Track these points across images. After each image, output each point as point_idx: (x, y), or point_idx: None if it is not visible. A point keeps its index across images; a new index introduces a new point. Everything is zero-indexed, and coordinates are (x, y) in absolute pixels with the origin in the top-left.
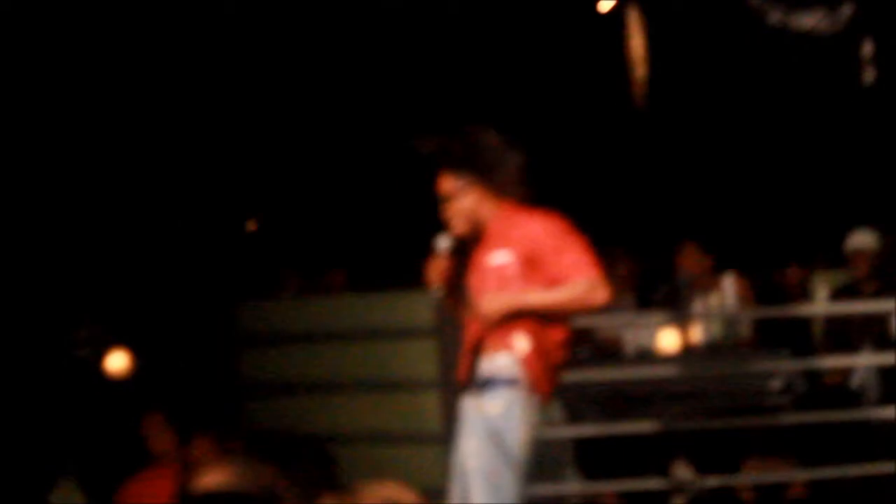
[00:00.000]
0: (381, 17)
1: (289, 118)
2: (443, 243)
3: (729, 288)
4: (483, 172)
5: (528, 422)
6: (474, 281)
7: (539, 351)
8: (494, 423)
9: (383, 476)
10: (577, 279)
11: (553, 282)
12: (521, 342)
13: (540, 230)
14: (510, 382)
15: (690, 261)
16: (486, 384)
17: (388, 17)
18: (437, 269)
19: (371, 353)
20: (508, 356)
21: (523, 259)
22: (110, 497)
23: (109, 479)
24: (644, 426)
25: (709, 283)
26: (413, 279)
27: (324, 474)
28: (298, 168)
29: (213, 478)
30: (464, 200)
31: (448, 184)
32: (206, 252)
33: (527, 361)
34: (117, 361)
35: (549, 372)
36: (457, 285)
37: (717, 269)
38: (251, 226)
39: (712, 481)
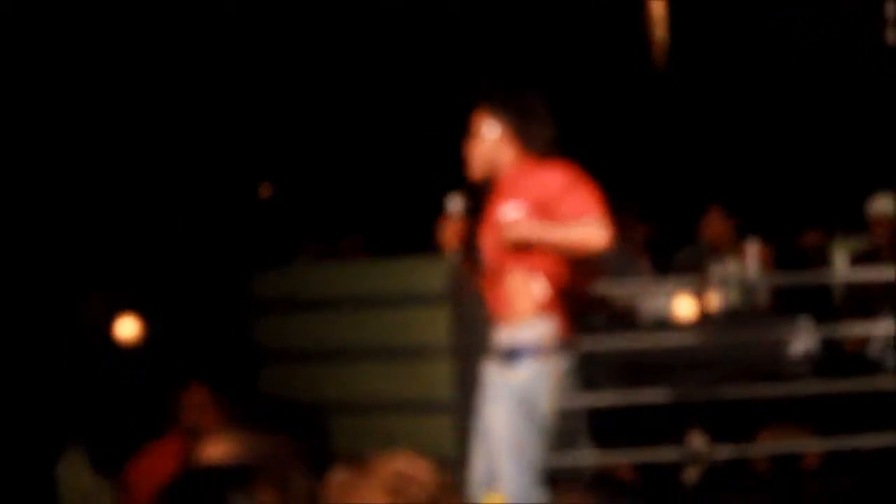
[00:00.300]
0: None
1: (302, 84)
2: (454, 204)
3: (752, 254)
4: (517, 127)
5: (556, 390)
6: (488, 237)
7: (558, 299)
8: (523, 392)
9: (395, 444)
10: (586, 218)
11: (563, 221)
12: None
13: (549, 176)
14: (536, 351)
15: (715, 225)
16: (513, 354)
17: None
18: (450, 231)
19: (384, 319)
20: (529, 323)
21: (535, 207)
22: (119, 468)
23: (118, 450)
24: (659, 395)
25: (732, 248)
26: (427, 244)
27: (323, 444)
28: (314, 134)
29: (217, 449)
30: (489, 144)
31: (482, 123)
32: (221, 219)
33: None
34: (128, 328)
35: (569, 317)
36: (471, 246)
37: (742, 234)
38: (264, 192)
39: (727, 451)
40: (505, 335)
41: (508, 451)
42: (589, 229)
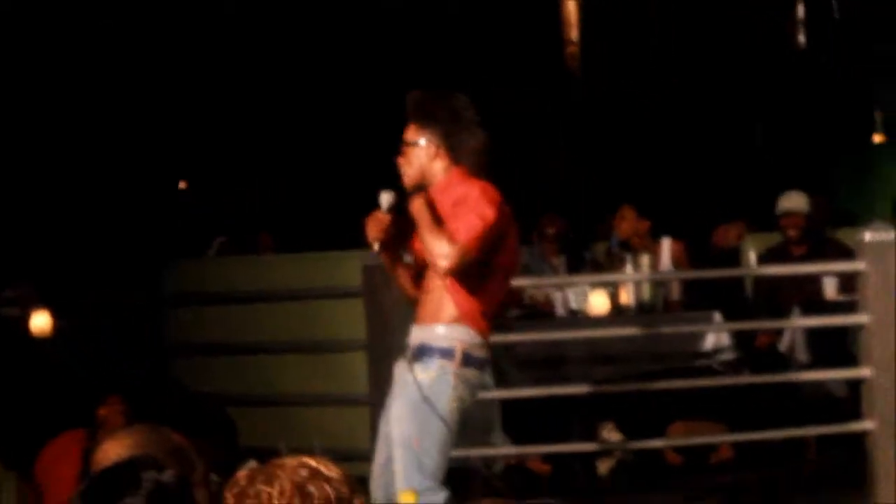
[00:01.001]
0: None
1: (223, 81)
2: (385, 199)
3: (665, 250)
4: (446, 134)
5: (457, 395)
6: (417, 241)
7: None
8: (423, 392)
9: (309, 438)
10: (453, 240)
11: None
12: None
13: (468, 190)
14: (444, 353)
15: (628, 224)
16: (420, 352)
17: None
18: (377, 225)
19: (299, 313)
20: (445, 327)
21: (451, 206)
22: (27, 461)
23: (26, 443)
24: (572, 388)
25: (645, 245)
26: (342, 241)
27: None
28: (232, 130)
29: (114, 447)
30: (420, 153)
31: (412, 134)
32: (134, 213)
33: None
34: (41, 321)
35: (486, 324)
36: (395, 243)
37: (655, 234)
38: (181, 184)
39: (639, 444)
40: (417, 334)
41: (403, 448)
42: (444, 250)
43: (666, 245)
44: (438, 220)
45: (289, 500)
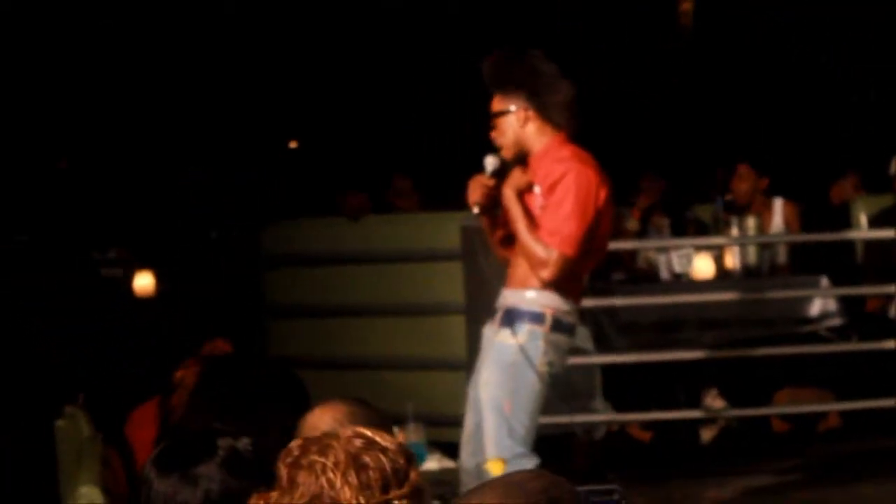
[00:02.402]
0: None
1: (333, 37)
2: (490, 163)
3: (777, 211)
4: (533, 95)
5: (547, 360)
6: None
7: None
8: (513, 356)
9: (408, 400)
10: (551, 242)
11: (537, 220)
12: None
13: (563, 176)
14: (534, 317)
15: (746, 183)
16: (510, 316)
17: None
18: (478, 188)
19: (398, 275)
20: (535, 292)
21: (546, 194)
22: (117, 425)
23: (118, 407)
24: (676, 354)
25: (761, 205)
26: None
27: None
28: (340, 88)
29: (325, 415)
30: (510, 122)
31: (497, 104)
32: (233, 175)
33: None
34: (145, 282)
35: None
36: (496, 207)
37: (770, 192)
38: (292, 143)
39: (744, 412)
40: (507, 298)
41: (494, 413)
42: (542, 257)
43: (778, 205)
44: (529, 215)
45: (343, 470)
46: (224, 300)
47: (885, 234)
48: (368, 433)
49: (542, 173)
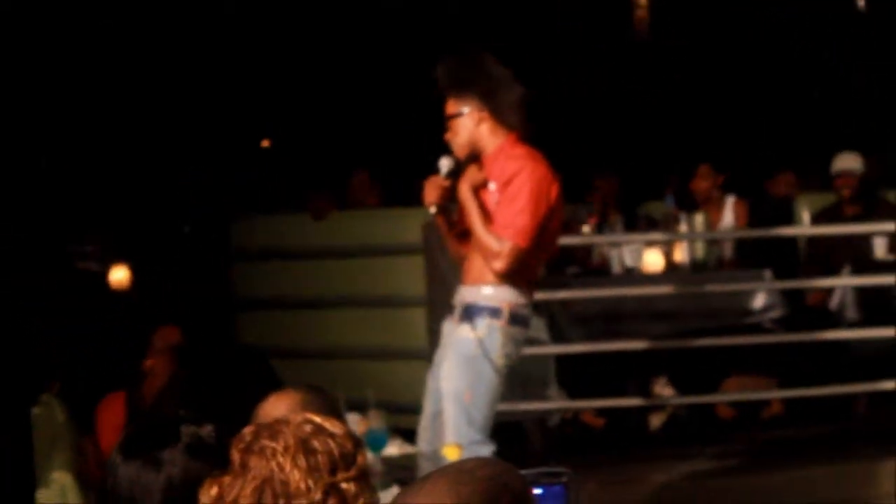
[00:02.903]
0: None
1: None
2: (444, 165)
3: (728, 208)
4: (484, 96)
5: (505, 352)
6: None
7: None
8: (473, 350)
9: (369, 390)
10: (505, 235)
11: (494, 214)
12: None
13: (517, 172)
14: (492, 312)
15: (706, 182)
16: (468, 311)
17: None
18: (434, 189)
19: (361, 269)
20: (492, 288)
21: (501, 190)
22: (92, 411)
23: (92, 395)
24: (627, 344)
25: (715, 202)
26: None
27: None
28: (306, 87)
29: (279, 403)
30: (464, 123)
31: (451, 106)
32: (206, 167)
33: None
34: (119, 275)
35: (531, 282)
36: (450, 207)
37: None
38: (265, 143)
39: (691, 399)
40: (464, 294)
41: (454, 402)
42: (495, 249)
43: (730, 203)
44: (484, 211)
45: (293, 454)
46: (194, 292)
47: (827, 230)
48: (318, 419)
49: (497, 171)
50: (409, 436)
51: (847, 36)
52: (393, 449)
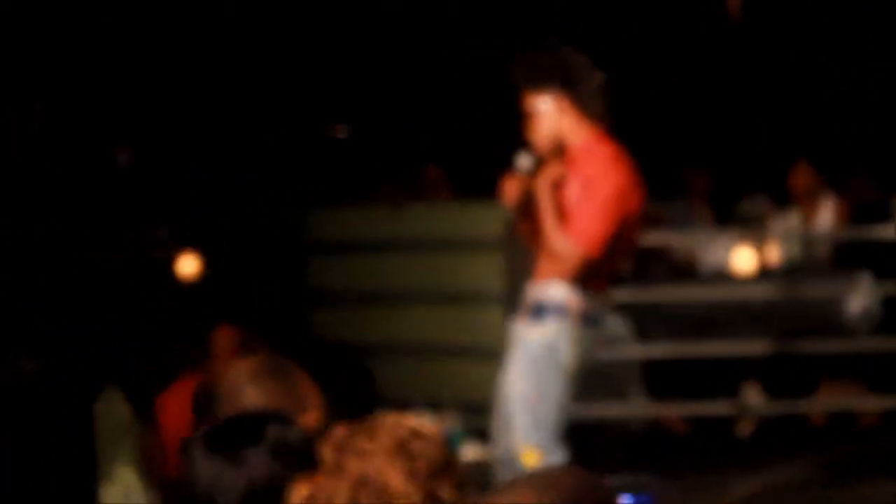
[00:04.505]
0: None
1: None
2: (523, 162)
3: (827, 208)
4: (565, 87)
5: (574, 352)
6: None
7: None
8: (540, 350)
9: (444, 389)
10: (576, 241)
11: (567, 214)
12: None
13: (598, 176)
14: (559, 310)
15: (805, 178)
16: (537, 310)
17: None
18: (513, 188)
19: (437, 264)
20: (561, 285)
21: (580, 191)
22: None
23: (155, 389)
24: (715, 347)
25: (815, 200)
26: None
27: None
28: (377, 77)
29: (250, 394)
30: (545, 117)
31: (531, 100)
32: (281, 157)
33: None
34: (189, 265)
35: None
36: (529, 204)
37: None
38: (340, 132)
39: (782, 406)
40: (534, 291)
41: (521, 405)
42: (565, 252)
43: (829, 202)
44: (560, 210)
45: (392, 457)
46: (267, 285)
47: None
48: (413, 422)
49: (579, 170)
50: (484, 437)
51: None
52: (467, 452)
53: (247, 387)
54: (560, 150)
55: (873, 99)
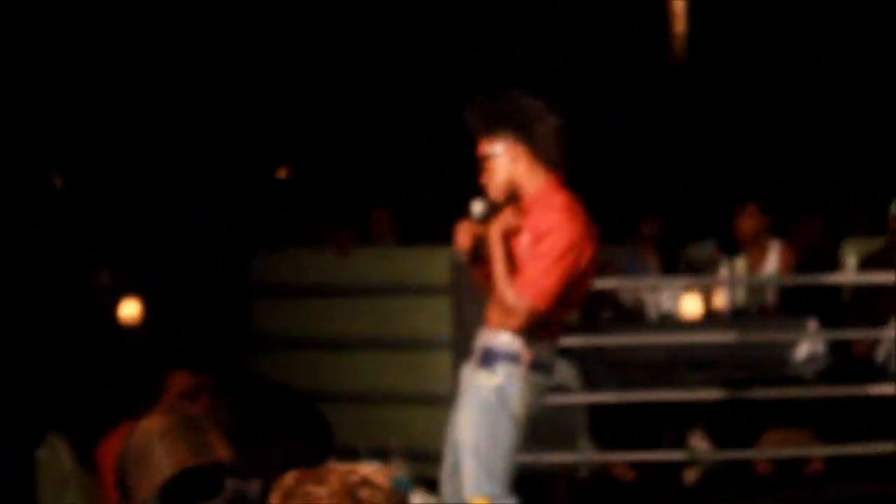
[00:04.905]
0: None
1: (321, 69)
2: (477, 208)
3: (773, 254)
4: (520, 129)
5: (525, 401)
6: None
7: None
8: (490, 397)
9: (392, 436)
10: (522, 294)
11: (514, 268)
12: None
13: (551, 229)
14: (511, 357)
15: (753, 221)
16: (487, 357)
17: None
18: (466, 234)
19: (385, 309)
20: (513, 333)
21: (532, 244)
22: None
23: (98, 435)
24: (661, 394)
25: (761, 245)
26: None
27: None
28: (325, 118)
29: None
30: (500, 162)
31: (486, 146)
32: (225, 201)
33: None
34: (130, 309)
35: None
36: (482, 252)
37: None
38: (282, 174)
39: (729, 453)
40: (485, 338)
41: (472, 453)
42: (515, 306)
43: (776, 247)
44: (513, 260)
45: (339, 500)
46: (211, 330)
47: (877, 278)
48: (363, 471)
49: (533, 221)
50: (433, 486)
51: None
52: (416, 499)
53: (156, 444)
54: (514, 198)
55: (820, 142)
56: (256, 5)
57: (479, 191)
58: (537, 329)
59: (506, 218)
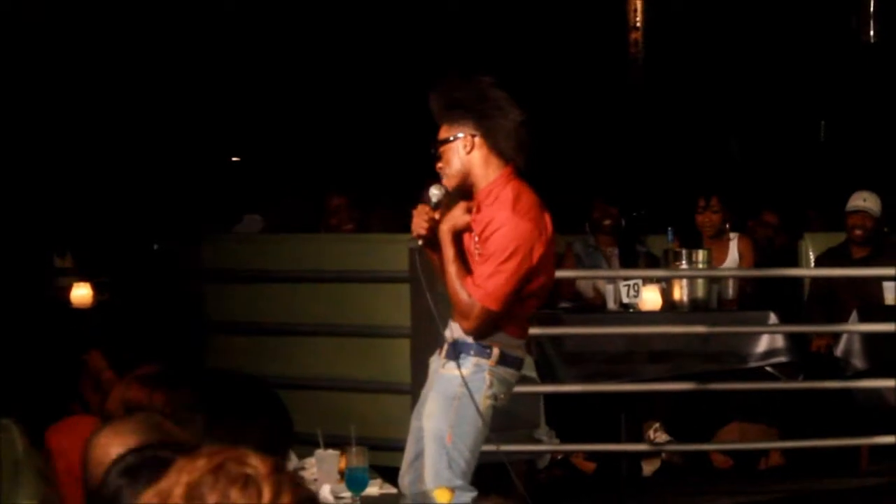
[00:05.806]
0: None
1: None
2: (434, 194)
3: (733, 247)
4: (479, 119)
5: (492, 393)
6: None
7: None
8: (457, 389)
9: (349, 423)
10: (476, 294)
11: (470, 264)
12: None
13: (499, 228)
14: (479, 351)
15: (717, 215)
16: (455, 348)
17: None
18: (422, 220)
19: (342, 296)
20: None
21: (482, 242)
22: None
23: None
24: (620, 386)
25: (721, 238)
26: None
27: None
28: (282, 102)
29: (115, 442)
30: (455, 150)
31: (445, 132)
32: (174, 185)
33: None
34: (82, 293)
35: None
36: (437, 239)
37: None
38: (234, 158)
39: (687, 447)
40: (453, 330)
41: (435, 444)
42: (464, 306)
43: (734, 241)
44: (465, 256)
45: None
46: (163, 313)
47: (834, 272)
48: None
49: (482, 218)
50: (391, 474)
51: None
52: (373, 489)
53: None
54: (466, 189)
55: (784, 139)
56: None
57: (437, 177)
58: (504, 323)
59: (456, 214)
